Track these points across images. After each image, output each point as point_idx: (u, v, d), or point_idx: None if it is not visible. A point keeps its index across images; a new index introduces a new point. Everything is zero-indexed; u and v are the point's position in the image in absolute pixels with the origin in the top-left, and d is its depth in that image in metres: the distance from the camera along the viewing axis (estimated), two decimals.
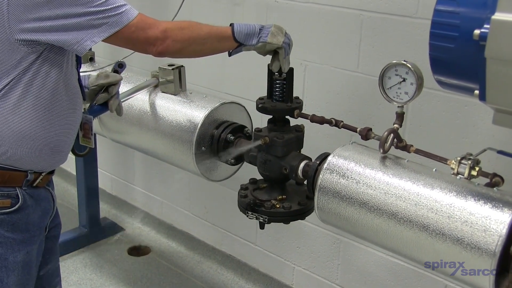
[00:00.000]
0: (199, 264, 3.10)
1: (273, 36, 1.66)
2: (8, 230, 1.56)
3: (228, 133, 1.92)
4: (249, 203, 1.77)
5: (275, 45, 1.67)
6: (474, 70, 1.21)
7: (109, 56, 2.94)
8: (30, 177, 1.58)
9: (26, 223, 1.59)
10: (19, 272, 1.61)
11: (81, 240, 3.23)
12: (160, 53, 1.53)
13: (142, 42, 1.51)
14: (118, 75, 1.86)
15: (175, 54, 1.58)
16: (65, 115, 1.57)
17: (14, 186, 1.56)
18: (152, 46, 1.51)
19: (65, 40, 1.45)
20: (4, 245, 1.56)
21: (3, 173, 1.53)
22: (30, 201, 1.59)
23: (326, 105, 2.32)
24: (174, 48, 1.53)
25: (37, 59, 1.47)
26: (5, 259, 1.57)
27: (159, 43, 1.50)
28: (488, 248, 1.26)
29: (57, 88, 1.53)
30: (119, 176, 3.61)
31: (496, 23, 1.12)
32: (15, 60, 1.45)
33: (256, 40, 1.66)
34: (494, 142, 1.87)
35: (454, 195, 1.36)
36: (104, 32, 1.45)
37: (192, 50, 1.60)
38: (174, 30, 1.53)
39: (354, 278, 2.50)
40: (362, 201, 1.48)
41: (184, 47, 1.56)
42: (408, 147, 1.57)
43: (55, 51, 1.50)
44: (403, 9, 2.03)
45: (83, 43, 1.45)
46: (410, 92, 1.51)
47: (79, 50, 1.46)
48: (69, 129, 1.61)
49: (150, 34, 1.49)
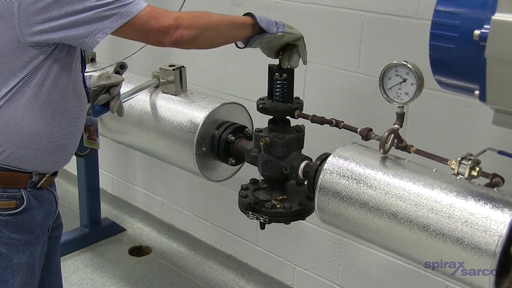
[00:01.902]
0: (200, 264, 3.11)
1: (290, 28, 1.66)
2: (13, 231, 1.56)
3: (229, 133, 1.92)
4: (250, 203, 1.77)
5: (295, 36, 1.67)
6: (474, 71, 1.20)
7: (110, 57, 2.95)
8: (35, 178, 1.58)
9: (30, 224, 1.60)
10: (24, 273, 1.61)
11: (82, 240, 3.24)
12: (174, 42, 1.48)
13: (155, 32, 1.46)
14: (120, 76, 1.86)
15: (190, 43, 1.51)
16: (71, 116, 1.57)
17: (19, 187, 1.56)
18: (166, 35, 1.46)
19: (76, 35, 1.43)
20: (9, 246, 1.57)
21: (8, 175, 1.53)
22: (34, 202, 1.60)
23: (327, 106, 2.32)
24: (189, 36, 1.48)
25: (46, 60, 1.47)
26: (10, 260, 1.58)
27: (173, 32, 1.46)
28: (488, 249, 1.26)
29: (65, 89, 1.53)
30: (120, 176, 3.61)
31: (496, 24, 1.12)
32: (24, 61, 1.45)
33: (276, 28, 1.64)
34: (495, 142, 1.88)
35: (454, 195, 1.36)
36: (115, 23, 1.42)
37: (206, 38, 1.54)
38: (186, 18, 1.49)
39: (354, 279, 2.50)
40: (363, 202, 1.48)
41: (198, 34, 1.50)
42: (408, 148, 1.57)
43: (64, 52, 1.50)
44: (403, 9, 2.03)
45: (95, 36, 1.43)
46: (411, 92, 1.51)
47: (91, 43, 1.44)
48: (75, 130, 1.61)
49: (163, 23, 1.45)
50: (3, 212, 1.54)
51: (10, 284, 1.59)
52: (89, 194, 3.25)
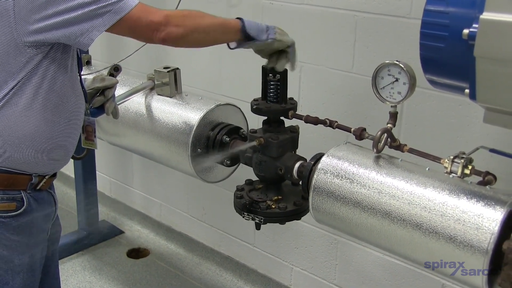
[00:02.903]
0: (198, 266, 3.11)
1: (281, 35, 1.67)
2: (14, 233, 1.57)
3: (224, 134, 1.93)
4: (245, 204, 1.78)
5: (285, 43, 1.67)
6: (464, 69, 1.21)
7: (106, 60, 2.96)
8: (35, 180, 1.59)
9: (31, 226, 1.61)
10: (24, 275, 1.62)
11: (80, 243, 3.24)
12: (163, 39, 1.50)
13: (146, 28, 1.49)
14: (114, 78, 1.87)
15: (178, 41, 1.54)
16: (70, 116, 1.58)
17: (19, 189, 1.57)
18: (155, 31, 1.49)
19: (71, 33, 1.45)
20: (10, 248, 1.57)
21: (9, 177, 1.54)
22: (34, 204, 1.60)
23: (322, 106, 2.33)
24: (178, 34, 1.51)
25: (43, 60, 1.48)
26: (11, 262, 1.59)
27: (162, 29, 1.49)
28: (481, 246, 1.27)
29: (63, 88, 1.54)
30: (118, 178, 3.62)
31: (484, 23, 1.13)
32: (21, 62, 1.46)
33: (266, 36, 1.65)
34: (489, 140, 1.88)
35: (447, 193, 1.37)
36: (109, 20, 1.44)
37: (195, 38, 1.57)
38: (176, 16, 1.52)
39: (351, 278, 2.51)
40: (356, 201, 1.48)
41: (187, 33, 1.53)
42: (401, 147, 1.57)
43: (60, 52, 1.51)
44: (396, 9, 2.04)
45: (90, 34, 1.45)
46: (403, 91, 1.51)
47: (86, 42, 1.46)
48: (73, 131, 1.62)
49: (153, 19, 1.48)
50: (3, 214, 1.55)
51: (10, 286, 1.60)
52: (86, 196, 3.25)
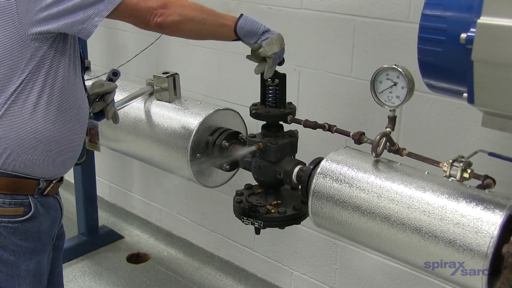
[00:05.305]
0: (198, 271, 3.11)
1: (268, 44, 1.65)
2: (21, 238, 1.57)
3: (223, 139, 1.93)
4: (244, 208, 1.78)
5: (266, 53, 1.66)
6: (462, 73, 1.22)
7: (105, 65, 2.96)
8: (42, 185, 1.59)
9: (38, 231, 1.61)
10: (31, 280, 1.62)
11: (80, 248, 3.24)
12: (159, 25, 1.52)
13: (144, 12, 1.51)
14: (113, 83, 1.87)
15: (173, 28, 1.56)
16: (75, 119, 1.59)
17: (26, 194, 1.57)
18: (152, 16, 1.51)
19: (74, 21, 1.46)
20: (17, 254, 1.57)
21: (17, 181, 1.54)
22: (41, 209, 1.60)
23: (321, 110, 2.33)
24: (173, 21, 1.53)
25: (47, 55, 1.49)
26: (17, 267, 1.58)
27: (159, 14, 1.51)
28: (480, 250, 1.27)
29: (69, 88, 1.55)
30: (117, 183, 3.62)
31: (481, 27, 1.13)
32: (26, 58, 1.47)
33: (255, 40, 1.66)
34: (487, 144, 1.89)
35: (446, 197, 1.37)
36: (110, 5, 1.46)
37: (191, 28, 1.59)
38: (174, 4, 1.54)
39: (351, 282, 2.50)
40: (355, 205, 1.48)
41: (182, 20, 1.55)
42: (400, 151, 1.57)
43: (64, 45, 1.52)
44: (395, 13, 2.04)
45: (92, 20, 1.46)
46: (401, 95, 1.52)
47: (89, 29, 1.47)
48: (79, 133, 1.62)
49: (151, 4, 1.51)
50: (11, 219, 1.54)
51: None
52: (86, 202, 3.25)
